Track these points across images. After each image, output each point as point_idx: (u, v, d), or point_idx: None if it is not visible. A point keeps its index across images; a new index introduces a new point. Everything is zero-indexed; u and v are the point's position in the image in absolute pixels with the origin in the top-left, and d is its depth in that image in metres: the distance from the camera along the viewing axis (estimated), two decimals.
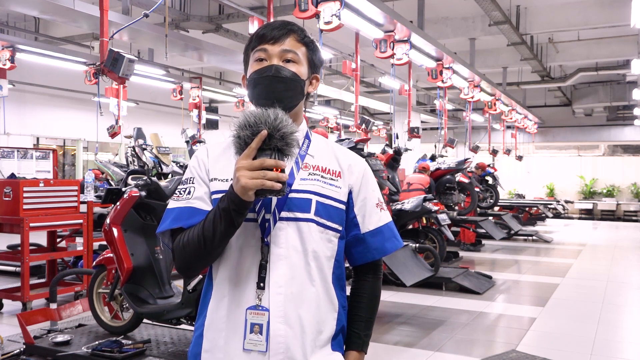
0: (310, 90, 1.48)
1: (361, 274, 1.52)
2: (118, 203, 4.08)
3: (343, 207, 1.42)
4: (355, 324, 1.48)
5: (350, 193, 1.43)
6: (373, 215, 1.45)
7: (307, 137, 1.47)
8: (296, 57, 1.41)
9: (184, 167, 7.73)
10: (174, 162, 7.94)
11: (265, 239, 1.34)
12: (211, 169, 1.42)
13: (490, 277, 7.32)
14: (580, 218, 20.04)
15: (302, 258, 1.35)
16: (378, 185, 1.53)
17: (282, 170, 1.22)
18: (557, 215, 18.60)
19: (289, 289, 1.33)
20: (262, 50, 1.40)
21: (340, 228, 1.41)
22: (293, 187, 1.36)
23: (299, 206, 1.36)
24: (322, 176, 1.40)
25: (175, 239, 1.38)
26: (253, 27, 6.86)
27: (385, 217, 1.48)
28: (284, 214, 1.35)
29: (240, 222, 1.28)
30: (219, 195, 1.35)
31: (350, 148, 6.17)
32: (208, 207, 1.37)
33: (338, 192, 1.41)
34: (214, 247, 1.31)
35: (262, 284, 1.32)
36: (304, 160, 1.42)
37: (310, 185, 1.38)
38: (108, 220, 4.03)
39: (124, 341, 3.91)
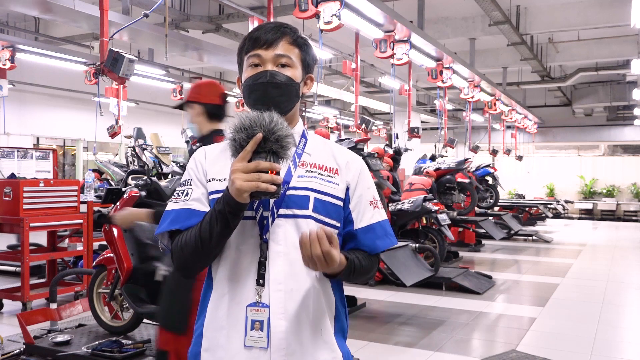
0: (305, 91, 1.48)
1: None
2: (118, 203, 4.08)
3: (341, 203, 1.42)
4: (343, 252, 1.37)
5: (347, 190, 1.44)
6: (366, 213, 1.45)
7: (303, 135, 1.48)
8: (290, 61, 1.42)
9: (183, 167, 7.73)
10: (174, 162, 7.94)
11: (264, 236, 1.35)
12: (209, 169, 1.43)
13: (490, 277, 7.32)
14: (580, 218, 20.03)
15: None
16: (377, 185, 1.53)
17: (277, 173, 1.23)
18: (557, 215, 18.59)
19: (289, 286, 1.34)
20: (255, 55, 1.41)
21: (338, 224, 1.41)
22: (291, 185, 1.37)
23: (297, 203, 1.36)
24: (319, 173, 1.41)
25: (174, 240, 1.39)
26: (253, 27, 6.85)
27: (379, 215, 1.47)
28: (282, 211, 1.36)
29: (236, 224, 1.30)
30: (218, 196, 1.36)
31: (350, 148, 6.18)
32: (206, 208, 1.38)
33: (336, 188, 1.41)
34: (211, 248, 1.33)
35: (261, 281, 1.33)
36: (300, 158, 1.43)
37: (307, 182, 1.39)
38: None
39: (124, 341, 3.91)
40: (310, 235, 1.23)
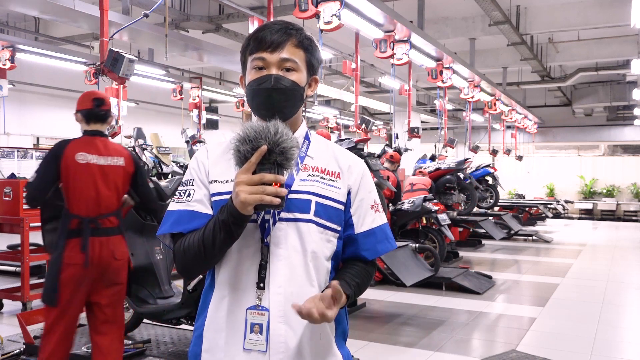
0: (309, 94, 1.47)
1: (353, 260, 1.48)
2: None
3: (342, 207, 1.42)
4: (341, 274, 1.41)
5: (348, 194, 1.43)
6: (367, 217, 1.45)
7: (306, 138, 1.46)
8: (295, 65, 1.39)
9: (184, 167, 7.73)
10: (174, 162, 7.94)
11: (265, 240, 1.34)
12: (211, 170, 1.42)
13: (490, 277, 7.32)
14: (580, 218, 20.03)
15: (302, 258, 1.35)
16: (377, 185, 1.53)
17: (282, 185, 1.23)
18: (557, 215, 18.59)
19: (289, 289, 1.33)
20: (260, 58, 1.38)
21: (339, 228, 1.41)
22: (293, 188, 1.36)
23: (298, 207, 1.36)
24: (321, 177, 1.40)
25: (176, 241, 1.39)
26: (253, 27, 6.86)
27: (379, 219, 1.47)
28: (283, 215, 1.35)
29: (239, 234, 1.29)
30: (219, 197, 1.35)
31: (350, 148, 6.17)
32: (207, 210, 1.38)
33: (337, 192, 1.41)
34: (214, 255, 1.33)
35: (262, 284, 1.33)
36: (303, 161, 1.42)
37: (309, 186, 1.38)
38: None
39: (124, 341, 3.90)
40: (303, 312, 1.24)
